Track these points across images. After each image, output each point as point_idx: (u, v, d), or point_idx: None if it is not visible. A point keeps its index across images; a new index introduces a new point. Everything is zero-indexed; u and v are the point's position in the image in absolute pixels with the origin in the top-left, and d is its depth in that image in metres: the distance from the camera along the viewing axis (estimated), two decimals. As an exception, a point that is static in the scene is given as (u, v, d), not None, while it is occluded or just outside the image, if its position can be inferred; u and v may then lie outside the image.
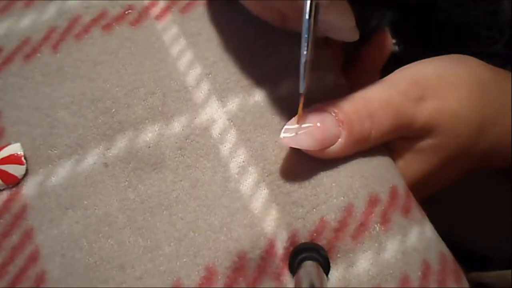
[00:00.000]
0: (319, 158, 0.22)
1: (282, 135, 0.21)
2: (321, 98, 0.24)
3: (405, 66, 0.24)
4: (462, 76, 0.24)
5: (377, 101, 0.22)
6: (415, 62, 0.25)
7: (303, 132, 0.21)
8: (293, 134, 0.21)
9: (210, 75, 0.24)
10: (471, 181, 0.27)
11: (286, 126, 0.21)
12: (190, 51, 0.25)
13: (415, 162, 0.24)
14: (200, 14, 0.26)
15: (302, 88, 0.20)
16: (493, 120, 0.25)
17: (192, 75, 0.24)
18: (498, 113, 0.25)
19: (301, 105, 0.21)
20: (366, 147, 0.23)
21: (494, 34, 0.31)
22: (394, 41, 0.36)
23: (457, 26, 0.32)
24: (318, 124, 0.21)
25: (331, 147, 0.21)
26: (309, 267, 0.19)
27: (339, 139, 0.21)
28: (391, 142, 0.24)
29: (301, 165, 0.22)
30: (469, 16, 0.31)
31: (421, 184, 0.24)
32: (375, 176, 0.22)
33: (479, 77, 0.25)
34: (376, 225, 0.21)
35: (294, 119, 0.21)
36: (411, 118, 0.23)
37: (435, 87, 0.23)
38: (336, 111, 0.22)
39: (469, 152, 0.25)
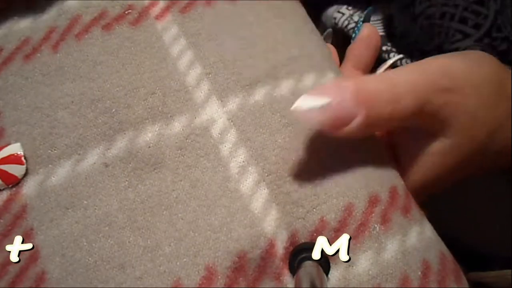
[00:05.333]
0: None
1: (296, 104, 0.19)
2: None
3: (433, 57, 0.24)
4: (484, 76, 0.24)
5: (404, 85, 0.21)
6: (444, 55, 0.24)
7: (317, 108, 0.19)
8: (307, 107, 0.19)
9: (210, 75, 0.24)
10: (472, 181, 0.27)
11: (303, 96, 0.20)
12: (190, 51, 0.25)
13: (428, 164, 0.24)
14: (200, 14, 0.26)
15: None
16: (506, 122, 0.24)
17: (192, 75, 0.24)
18: (510, 115, 0.25)
19: None
20: (384, 129, 0.22)
21: (467, 28, 0.30)
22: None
23: (432, 21, 0.31)
24: (336, 102, 0.20)
25: (348, 126, 0.20)
26: (309, 267, 0.19)
27: (357, 118, 0.20)
28: (404, 144, 0.24)
29: (301, 165, 0.22)
30: (447, 8, 0.30)
31: (429, 185, 0.24)
32: (375, 176, 0.22)
33: (499, 78, 0.24)
34: (376, 225, 0.21)
35: (311, 91, 0.20)
36: (435, 108, 0.22)
37: (461, 83, 0.23)
38: (359, 88, 0.20)
39: (481, 154, 0.24)
